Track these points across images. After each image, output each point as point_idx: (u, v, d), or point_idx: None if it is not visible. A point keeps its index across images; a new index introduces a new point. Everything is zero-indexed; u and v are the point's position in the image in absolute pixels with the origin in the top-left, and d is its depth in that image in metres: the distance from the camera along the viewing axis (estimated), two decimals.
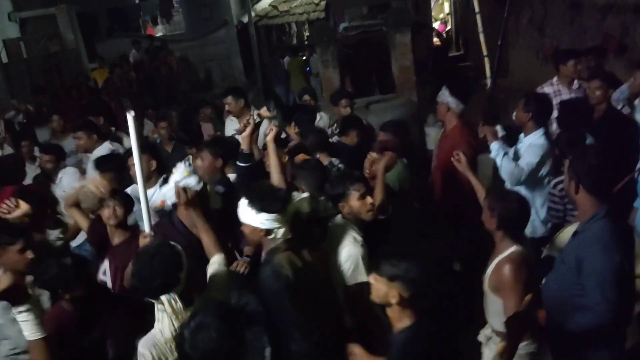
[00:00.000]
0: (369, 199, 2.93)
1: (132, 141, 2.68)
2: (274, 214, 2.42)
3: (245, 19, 12.74)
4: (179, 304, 2.20)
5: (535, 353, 2.71)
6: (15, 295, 2.10)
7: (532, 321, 2.41)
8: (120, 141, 5.41)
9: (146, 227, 2.82)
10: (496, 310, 2.68)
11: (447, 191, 4.09)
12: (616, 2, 6.12)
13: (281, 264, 2.43)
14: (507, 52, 10.48)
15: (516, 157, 3.68)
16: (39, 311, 2.19)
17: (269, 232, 2.47)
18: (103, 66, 10.93)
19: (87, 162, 4.81)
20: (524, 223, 2.72)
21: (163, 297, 2.19)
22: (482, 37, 3.67)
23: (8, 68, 10.00)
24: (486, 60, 3.83)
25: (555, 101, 4.50)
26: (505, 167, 3.55)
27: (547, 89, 4.80)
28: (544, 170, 3.63)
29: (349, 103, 5.02)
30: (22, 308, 2.10)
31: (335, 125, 5.13)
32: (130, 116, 2.66)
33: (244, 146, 3.47)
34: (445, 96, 4.07)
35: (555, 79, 4.80)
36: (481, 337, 2.93)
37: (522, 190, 3.56)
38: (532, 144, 3.63)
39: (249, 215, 2.46)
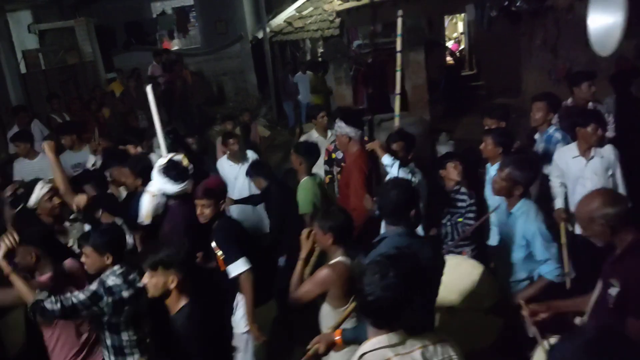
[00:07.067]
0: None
1: None
2: None
3: (260, 35, 12.87)
4: None
5: None
6: None
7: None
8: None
9: None
10: (324, 315, 2.87)
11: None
12: (630, 25, 6.13)
13: None
14: (520, 72, 10.51)
15: None
16: None
17: None
18: (122, 78, 11.08)
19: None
20: (351, 232, 2.94)
21: None
22: (398, 75, 4.04)
23: (26, 78, 10.16)
24: (397, 98, 4.26)
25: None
26: (403, 176, 3.81)
27: None
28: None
29: None
30: None
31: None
32: None
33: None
34: (342, 128, 4.32)
35: (569, 100, 4.79)
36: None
37: None
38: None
39: None
